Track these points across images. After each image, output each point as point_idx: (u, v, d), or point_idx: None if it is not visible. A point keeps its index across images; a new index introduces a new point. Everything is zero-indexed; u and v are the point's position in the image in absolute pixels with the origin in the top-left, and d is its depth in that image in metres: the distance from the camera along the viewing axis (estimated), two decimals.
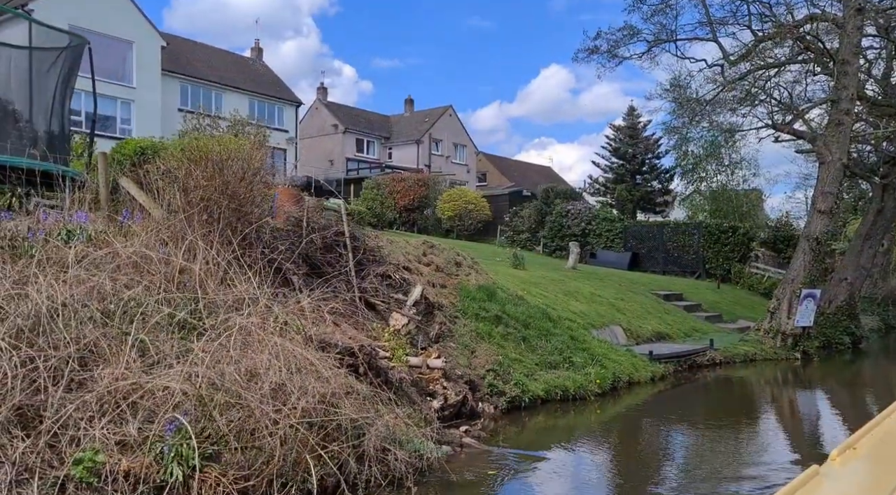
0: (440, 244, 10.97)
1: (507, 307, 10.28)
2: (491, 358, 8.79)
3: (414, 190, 33.63)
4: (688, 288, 21.74)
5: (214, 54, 36.01)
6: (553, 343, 10.22)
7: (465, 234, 32.83)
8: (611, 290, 16.61)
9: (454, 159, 49.33)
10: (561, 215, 29.74)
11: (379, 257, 8.30)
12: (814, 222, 14.07)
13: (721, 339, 15.13)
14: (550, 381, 9.18)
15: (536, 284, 13.98)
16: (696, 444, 8.50)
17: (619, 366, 10.75)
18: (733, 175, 31.04)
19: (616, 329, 13.61)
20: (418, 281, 8.92)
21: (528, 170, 62.35)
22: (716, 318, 18.47)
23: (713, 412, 10.48)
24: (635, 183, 34.15)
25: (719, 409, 10.74)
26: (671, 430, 9.14)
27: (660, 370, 11.72)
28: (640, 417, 9.87)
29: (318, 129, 45.47)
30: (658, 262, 27.59)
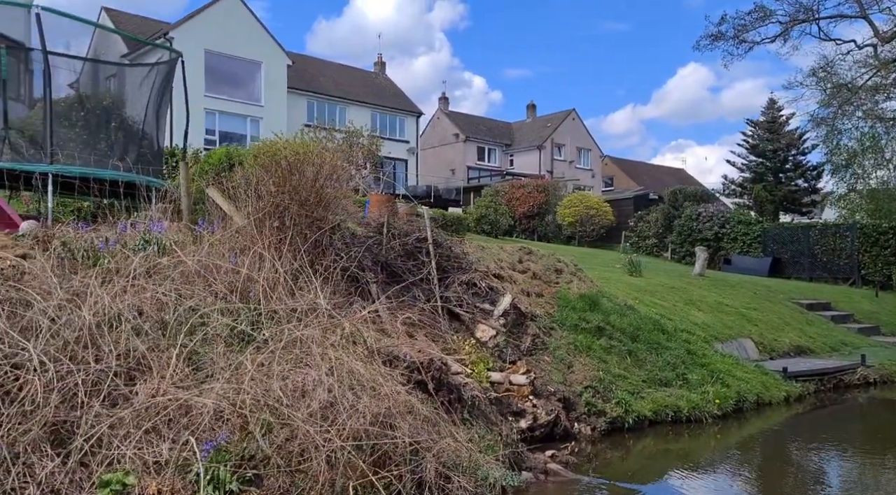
0: (539, 250, 10.33)
1: (612, 317, 9.44)
2: (590, 373, 8.04)
3: (533, 196, 32.94)
4: (838, 296, 19.40)
5: (338, 71, 37.41)
6: (665, 357, 9.25)
7: (587, 241, 31.63)
8: (742, 299, 15.07)
9: (578, 164, 47.97)
10: (691, 219, 27.79)
11: (465, 264, 7.84)
12: None
13: (877, 354, 13.21)
14: (660, 400, 8.26)
15: (653, 292, 12.90)
16: (847, 478, 7.24)
17: (745, 385, 9.55)
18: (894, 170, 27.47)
19: (745, 342, 12.24)
20: (510, 289, 8.36)
21: (659, 173, 59.49)
22: (871, 330, 16.26)
23: (867, 440, 9.01)
24: (777, 182, 31.23)
25: (875, 437, 9.23)
26: (811, 460, 7.91)
27: (796, 390, 10.31)
28: (770, 444, 8.67)
29: (439, 139, 45.96)
30: (804, 268, 24.99)
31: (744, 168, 31.70)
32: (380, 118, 36.69)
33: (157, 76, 7.27)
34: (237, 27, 26.32)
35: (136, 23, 27.76)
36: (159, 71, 7.28)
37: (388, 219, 7.36)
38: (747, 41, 14.59)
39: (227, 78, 26.37)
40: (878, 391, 11.88)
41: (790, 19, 14.25)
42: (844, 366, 11.76)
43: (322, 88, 34.16)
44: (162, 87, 7.37)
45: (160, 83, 7.27)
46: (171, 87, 8.08)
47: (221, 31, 25.79)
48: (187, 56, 26.26)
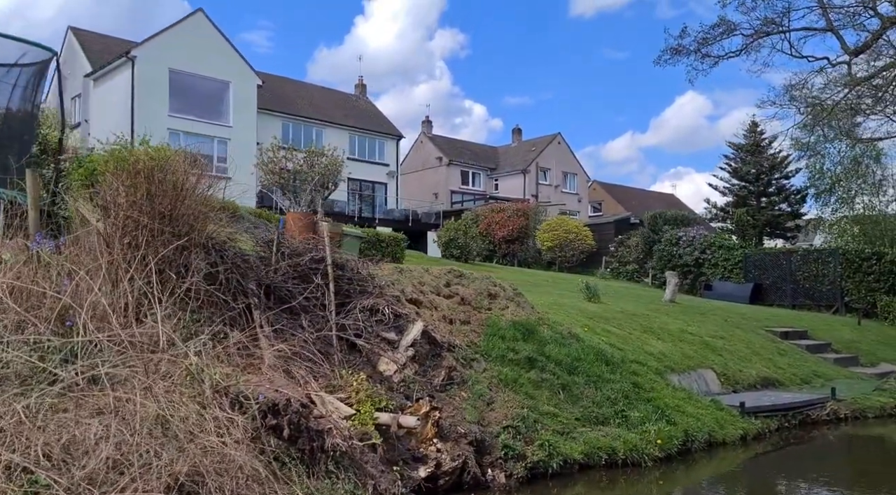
0: (473, 273, 9.51)
1: (549, 348, 8.60)
2: (513, 411, 7.18)
3: (513, 220, 32.24)
4: (818, 324, 18.58)
5: (316, 92, 36.94)
6: (605, 391, 8.39)
7: (567, 266, 30.85)
8: (710, 327, 14.24)
9: (564, 188, 47.41)
10: (670, 243, 27.04)
11: (371, 288, 7.02)
12: None
13: (851, 387, 12.36)
14: (593, 441, 7.39)
15: (608, 320, 12.07)
16: None
17: (695, 422, 8.68)
18: (880, 194, 26.92)
19: (706, 373, 11.38)
20: (428, 316, 7.54)
21: (648, 199, 58.98)
22: (849, 361, 15.40)
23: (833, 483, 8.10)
24: (760, 206, 30.55)
25: (840, 479, 8.32)
26: None
27: (755, 427, 9.43)
28: (716, 493, 7.80)
29: (422, 163, 45.42)
30: (786, 295, 24.17)
31: (726, 192, 31.07)
32: (358, 141, 36.14)
33: (20, 77, 6.55)
34: (204, 46, 25.83)
35: (103, 42, 27.29)
36: (23, 72, 6.58)
37: (279, 237, 6.56)
38: (711, 55, 13.96)
39: (193, 97, 25.80)
40: (849, 427, 10.99)
41: (754, 32, 13.64)
42: (812, 400, 10.89)
43: (298, 110, 33.63)
44: (27, 90, 6.64)
45: (24, 86, 6.55)
46: (43, 91, 7.35)
47: (188, 49, 25.29)
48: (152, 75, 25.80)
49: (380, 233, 11.21)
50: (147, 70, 24.29)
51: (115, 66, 25.04)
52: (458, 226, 22.14)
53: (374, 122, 37.65)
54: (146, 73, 24.46)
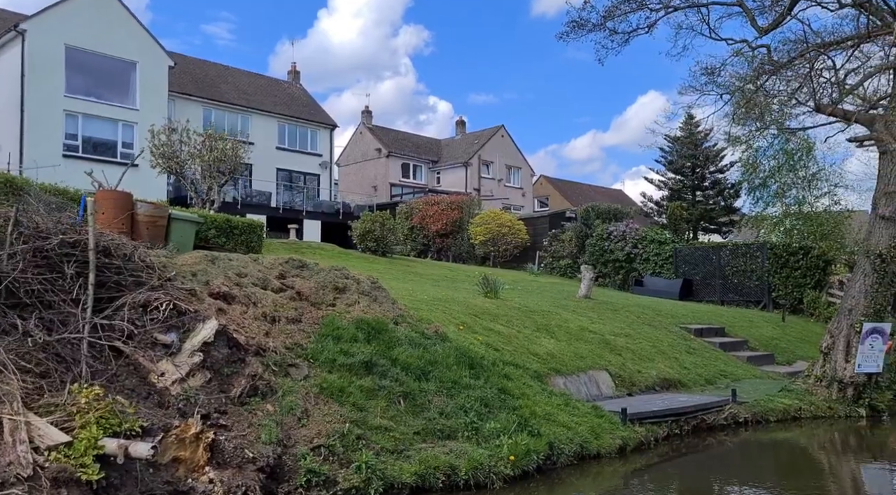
0: (319, 263, 8.35)
1: (398, 350, 7.50)
2: (332, 426, 6.06)
3: (446, 213, 31.27)
4: (740, 320, 17.98)
5: (243, 78, 35.23)
6: (460, 400, 7.34)
7: (501, 261, 29.93)
8: (617, 324, 13.38)
9: (507, 182, 46.57)
10: (602, 238, 26.33)
11: (154, 279, 5.81)
12: (875, 232, 10.40)
13: (756, 388, 11.61)
14: (431, 459, 6.31)
15: (497, 317, 11.07)
16: None
17: (565, 433, 7.71)
18: (811, 189, 26.60)
19: (599, 375, 10.46)
20: (235, 314, 6.35)
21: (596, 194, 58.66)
22: (764, 359, 14.75)
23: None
24: (695, 200, 30.12)
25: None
26: None
27: (637, 436, 8.51)
28: None
29: (361, 154, 44.04)
30: (715, 290, 23.65)
31: (662, 186, 30.54)
32: (289, 129, 34.58)
33: None
34: (107, 22, 23.98)
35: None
36: None
37: (16, 215, 5.28)
38: (619, 32, 13.05)
39: (94, 77, 23.94)
40: (749, 432, 10.20)
41: (662, 5, 12.76)
42: (708, 403, 10.05)
43: (222, 95, 31.93)
44: None
45: None
46: None
47: (88, 25, 23.42)
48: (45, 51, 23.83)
49: (231, 218, 9.99)
50: (40, 46, 22.37)
51: (1, 41, 23.02)
52: (374, 218, 20.95)
53: (307, 110, 36.11)
54: (39, 49, 22.52)
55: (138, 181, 20.28)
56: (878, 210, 10.35)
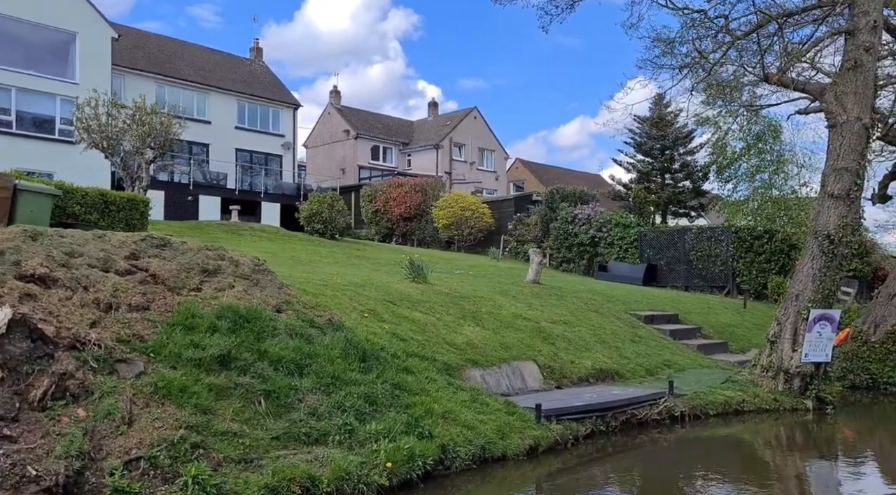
0: (191, 242, 7.37)
1: (269, 342, 6.59)
2: (160, 433, 5.15)
3: (410, 196, 30.31)
4: (698, 307, 17.26)
5: (201, 54, 33.88)
6: (338, 397, 6.46)
7: (465, 246, 29.09)
8: (558, 311, 12.56)
9: (480, 165, 45.61)
10: (566, 221, 25.51)
11: None
12: (824, 212, 9.60)
13: (699, 379, 10.84)
14: (288, 469, 5.41)
15: (418, 303, 10.19)
16: None
17: (465, 433, 6.86)
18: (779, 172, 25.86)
19: (526, 366, 9.63)
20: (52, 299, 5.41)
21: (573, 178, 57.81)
22: (716, 347, 14.05)
23: None
24: (664, 183, 29.34)
25: None
26: None
27: (552, 434, 7.68)
28: None
29: (330, 136, 42.85)
30: (679, 276, 22.97)
31: (630, 168, 29.75)
32: (249, 108, 33.33)
33: None
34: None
35: None
36: None
37: None
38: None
39: (27, 49, 22.56)
40: (687, 428, 9.43)
41: None
42: (641, 396, 9.25)
43: (177, 71, 30.61)
44: None
45: None
46: None
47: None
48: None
49: (106, 192, 8.95)
50: None
51: None
52: (322, 199, 19.96)
53: (269, 88, 34.84)
54: None
55: (83, 163, 19.17)
56: (826, 188, 9.54)
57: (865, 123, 9.17)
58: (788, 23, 13.90)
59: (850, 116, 9.12)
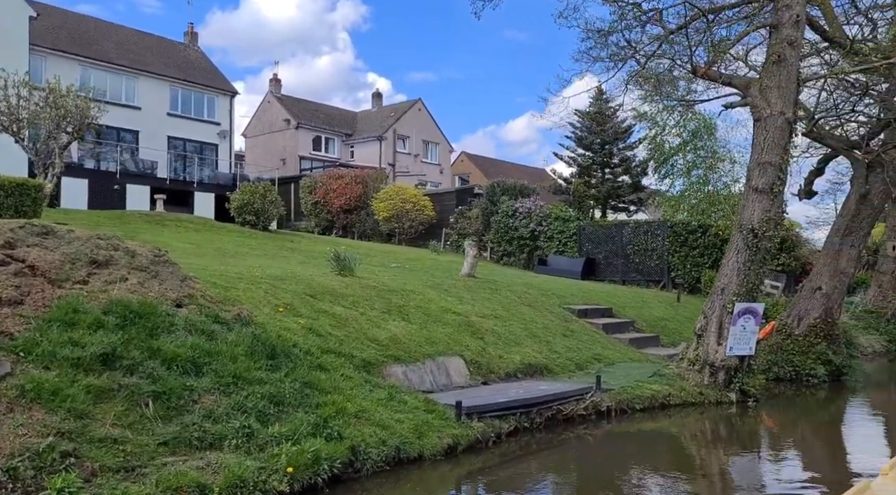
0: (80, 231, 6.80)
1: (163, 339, 6.10)
2: (26, 440, 4.63)
3: (350, 188, 29.72)
4: (632, 300, 17.37)
5: (132, 36, 32.38)
6: (239, 398, 6.02)
7: (406, 239, 28.71)
8: (490, 305, 12.34)
9: (424, 158, 45.22)
10: (507, 215, 25.41)
11: None
12: (749, 206, 9.63)
13: (628, 374, 10.78)
14: (175, 478, 4.95)
15: (341, 297, 9.79)
16: None
17: (379, 433, 6.52)
18: (713, 168, 26.37)
19: (453, 362, 9.35)
20: None
21: (518, 172, 58.00)
22: (648, 341, 14.10)
23: None
24: (604, 177, 29.61)
25: None
26: None
27: (473, 432, 7.41)
28: None
29: (269, 125, 41.73)
30: (617, 270, 23.14)
31: (571, 162, 29.91)
32: (182, 95, 32.03)
33: None
34: None
35: None
36: None
37: None
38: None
39: None
40: (613, 423, 9.32)
41: None
42: (568, 392, 9.08)
43: (104, 54, 29.13)
44: None
45: None
46: None
47: None
48: None
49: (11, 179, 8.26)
50: None
51: None
52: (254, 189, 19.25)
53: (204, 75, 33.57)
54: None
55: None
56: (751, 182, 9.57)
57: (788, 118, 9.22)
58: (721, 19, 14.04)
59: (774, 111, 9.15)
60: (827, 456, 9.37)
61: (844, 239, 12.96)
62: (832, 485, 7.59)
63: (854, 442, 10.21)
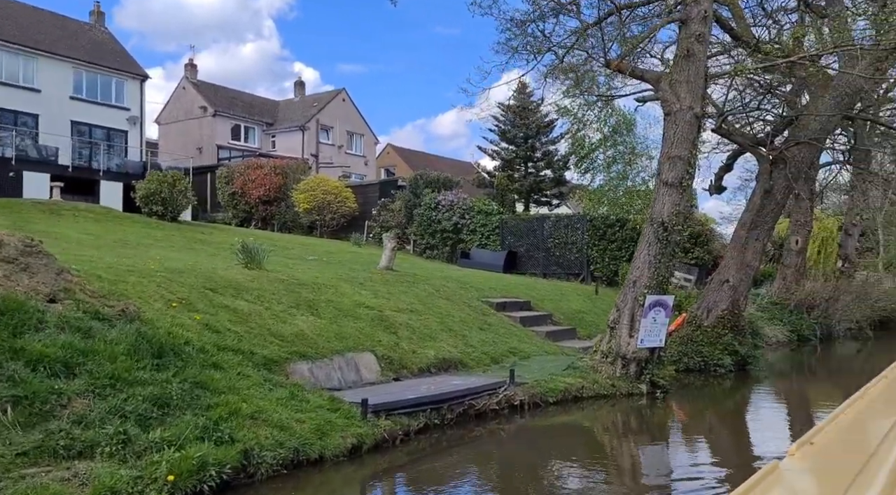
0: None
1: (28, 338, 5.52)
2: None
3: (269, 178, 28.80)
4: (551, 293, 17.47)
5: (31, 14, 30.24)
6: (117, 401, 5.51)
7: (328, 231, 28.08)
8: (407, 298, 12.07)
9: (349, 149, 44.45)
10: (430, 207, 25.20)
11: None
12: (659, 199, 9.76)
13: (543, 367, 10.73)
14: (32, 491, 4.45)
15: (244, 291, 9.29)
16: None
17: (277, 434, 6.13)
18: (632, 163, 26.98)
19: (363, 358, 9.02)
20: None
21: (444, 165, 57.96)
22: (565, 334, 14.18)
23: None
24: (527, 171, 29.86)
25: None
26: None
27: (378, 431, 7.11)
28: None
29: (185, 112, 39.98)
30: (538, 263, 23.33)
31: (495, 155, 30.05)
32: (87, 78, 30.14)
33: None
34: None
35: None
36: None
37: None
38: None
39: None
40: (527, 417, 9.22)
41: None
42: (480, 386, 8.92)
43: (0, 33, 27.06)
44: None
45: None
46: None
47: None
48: None
49: None
50: None
51: None
52: (162, 178, 18.25)
53: (112, 57, 31.71)
54: None
55: None
56: (661, 176, 9.68)
57: (697, 112, 9.37)
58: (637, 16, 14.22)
59: (683, 105, 9.27)
60: (732, 443, 9.62)
61: (750, 233, 13.39)
62: (737, 468, 7.81)
63: (758, 428, 10.54)
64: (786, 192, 13.43)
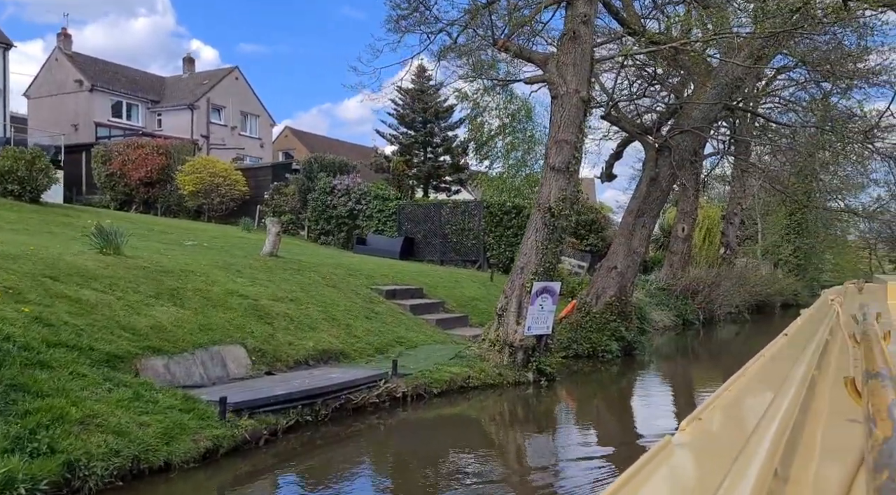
0: None
1: None
2: None
3: (151, 159, 26.87)
4: (447, 280, 17.14)
5: None
6: None
7: (216, 216, 26.57)
8: (287, 287, 11.33)
9: (243, 131, 42.41)
10: (325, 192, 24.30)
11: None
12: (546, 184, 9.58)
13: (430, 357, 10.34)
14: None
15: (93, 279, 8.30)
16: None
17: (112, 441, 5.37)
18: (530, 151, 27.14)
19: (231, 351, 8.27)
20: None
21: (344, 150, 56.58)
22: (458, 321, 13.88)
23: None
24: (426, 157, 29.46)
25: None
26: None
27: (238, 432, 6.45)
28: None
29: (57, 86, 36.73)
30: (436, 250, 22.98)
31: (392, 140, 29.46)
32: None
33: None
34: None
35: None
36: None
37: None
38: None
39: None
40: (409, 410, 8.79)
41: None
42: (359, 379, 8.39)
43: None
44: None
45: None
46: None
47: None
48: None
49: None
50: None
51: None
52: (19, 155, 16.41)
53: None
54: None
55: None
56: (549, 160, 9.48)
57: (583, 96, 9.21)
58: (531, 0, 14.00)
59: (570, 88, 9.07)
60: (619, 425, 9.66)
61: (637, 220, 13.56)
62: (623, 447, 7.82)
63: (644, 410, 10.67)
64: (670, 180, 13.70)
